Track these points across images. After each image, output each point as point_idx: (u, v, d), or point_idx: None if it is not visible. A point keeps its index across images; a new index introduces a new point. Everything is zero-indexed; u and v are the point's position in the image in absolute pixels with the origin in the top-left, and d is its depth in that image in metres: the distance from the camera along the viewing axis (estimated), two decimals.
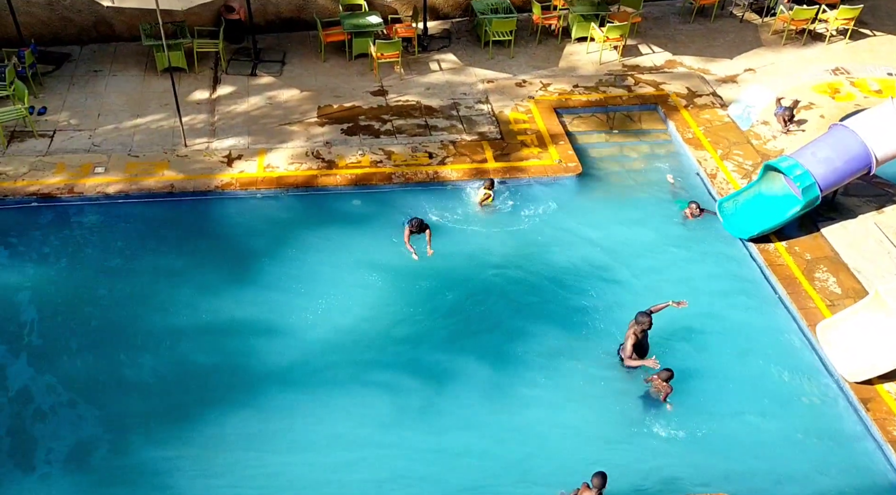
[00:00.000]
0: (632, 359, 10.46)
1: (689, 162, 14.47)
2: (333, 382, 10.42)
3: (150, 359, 10.64)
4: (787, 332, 11.39)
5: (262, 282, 11.75)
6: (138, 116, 14.76)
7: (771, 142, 14.79)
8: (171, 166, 13.54)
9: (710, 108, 15.68)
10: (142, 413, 9.97)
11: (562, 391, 10.49)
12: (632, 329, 10.46)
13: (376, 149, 14.26)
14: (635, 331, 10.43)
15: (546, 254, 12.44)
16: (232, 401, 10.13)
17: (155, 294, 11.48)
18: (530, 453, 9.73)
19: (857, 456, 9.92)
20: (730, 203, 13.02)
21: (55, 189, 12.87)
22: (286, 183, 13.35)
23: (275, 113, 15.11)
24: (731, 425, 10.13)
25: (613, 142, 15.11)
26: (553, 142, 14.58)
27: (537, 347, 11.02)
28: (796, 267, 12.22)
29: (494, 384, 10.53)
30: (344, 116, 15.12)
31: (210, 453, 9.54)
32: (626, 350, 10.48)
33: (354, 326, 11.16)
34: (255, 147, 14.16)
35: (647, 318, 10.42)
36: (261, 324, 11.12)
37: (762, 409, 10.29)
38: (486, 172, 13.76)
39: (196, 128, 14.54)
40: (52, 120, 14.53)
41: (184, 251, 12.21)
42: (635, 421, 10.14)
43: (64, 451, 9.52)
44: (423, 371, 10.63)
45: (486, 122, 15.17)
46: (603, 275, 12.12)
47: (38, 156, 13.58)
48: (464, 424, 10.03)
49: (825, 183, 12.22)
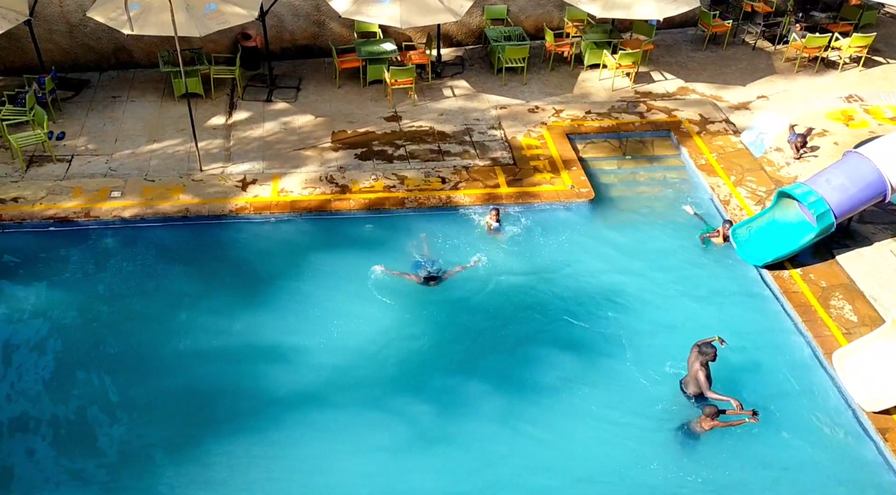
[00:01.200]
0: (714, 392, 10.12)
1: (702, 188, 14.45)
2: (345, 406, 10.39)
3: (164, 381, 10.65)
4: (802, 360, 11.26)
5: (276, 305, 11.78)
6: (155, 141, 14.95)
7: (784, 168, 14.75)
8: (186, 190, 13.67)
9: (723, 134, 15.69)
10: (156, 435, 9.97)
11: (576, 419, 10.39)
12: (698, 360, 10.22)
13: (389, 173, 14.34)
14: (702, 361, 10.20)
15: (559, 280, 12.41)
16: (244, 426, 10.11)
17: (170, 317, 11.53)
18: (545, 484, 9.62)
19: (876, 487, 9.73)
20: (744, 229, 12.97)
21: (72, 213, 13.02)
22: (300, 207, 13.44)
23: (289, 138, 15.26)
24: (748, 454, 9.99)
25: (626, 168, 15.13)
26: (566, 167, 14.62)
27: (551, 374, 10.95)
28: (811, 294, 12.12)
29: (506, 411, 10.45)
30: (358, 141, 15.24)
31: (221, 476, 9.51)
32: (702, 383, 10.16)
33: (367, 351, 11.14)
34: (270, 171, 14.28)
35: (713, 349, 10.21)
36: (274, 348, 11.13)
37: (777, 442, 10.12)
38: (498, 198, 13.80)
39: (212, 153, 14.70)
40: (71, 145, 14.74)
41: (198, 274, 12.28)
42: (653, 454, 10.01)
43: (75, 473, 9.51)
44: (435, 397, 10.57)
45: (499, 147, 15.24)
46: (616, 301, 12.06)
47: (55, 181, 13.76)
48: (474, 452, 9.95)
49: (840, 210, 12.15)
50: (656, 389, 10.75)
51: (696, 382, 10.29)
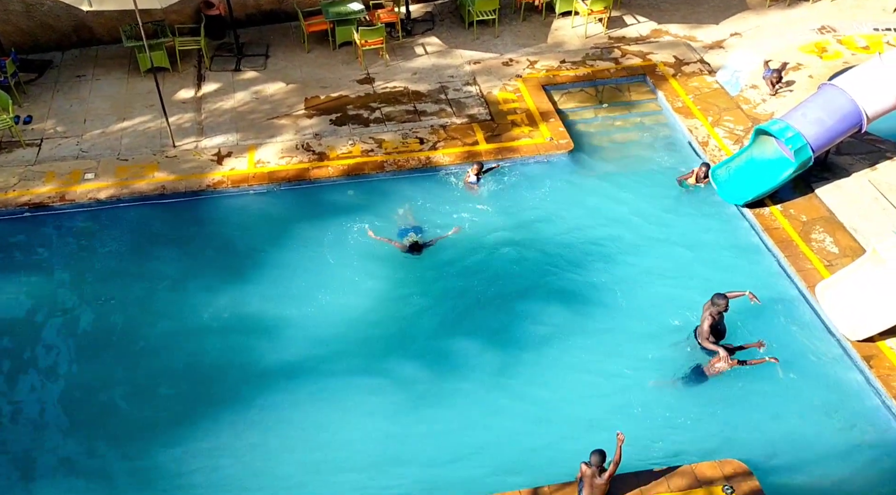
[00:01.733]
0: (708, 341, 10.21)
1: (680, 131, 14.43)
2: (338, 374, 10.43)
3: (152, 361, 10.64)
4: (786, 295, 11.42)
5: (261, 278, 11.74)
6: (125, 119, 14.68)
7: (761, 105, 14.74)
8: (161, 168, 13.48)
9: (698, 75, 15.61)
10: (146, 416, 9.98)
11: (567, 369, 10.51)
12: (707, 310, 10.24)
13: (366, 138, 14.20)
14: (711, 312, 10.20)
15: (544, 234, 12.43)
16: (236, 399, 10.13)
17: (155, 297, 11.48)
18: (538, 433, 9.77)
19: (862, 412, 9.98)
20: (723, 170, 13.00)
21: (46, 198, 12.83)
22: (278, 177, 13.31)
23: (262, 107, 15.03)
24: (734, 392, 10.16)
25: (604, 116, 15.06)
26: (543, 119, 14.53)
27: (541, 328, 11.03)
28: (792, 229, 12.23)
29: (500, 367, 10.54)
30: (332, 107, 15.04)
31: (216, 451, 9.58)
32: (702, 331, 10.21)
33: (354, 317, 11.15)
34: (245, 143, 14.10)
35: (724, 300, 10.20)
36: (262, 321, 11.12)
37: (764, 374, 10.29)
38: (478, 155, 13.72)
39: (183, 127, 14.47)
40: (39, 128, 14.45)
41: (180, 252, 12.19)
42: (640, 395, 10.17)
43: (70, 457, 9.56)
44: (425, 359, 10.63)
45: (475, 103, 15.10)
46: (602, 251, 12.12)
47: (27, 166, 13.52)
48: (471, 410, 10.05)
49: (817, 143, 12.19)
50: (647, 337, 10.86)
51: (700, 328, 10.32)
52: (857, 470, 9.38)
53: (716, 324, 10.29)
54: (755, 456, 9.33)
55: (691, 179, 13.12)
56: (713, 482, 8.88)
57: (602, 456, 8.42)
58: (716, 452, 9.33)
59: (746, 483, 8.86)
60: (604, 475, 8.38)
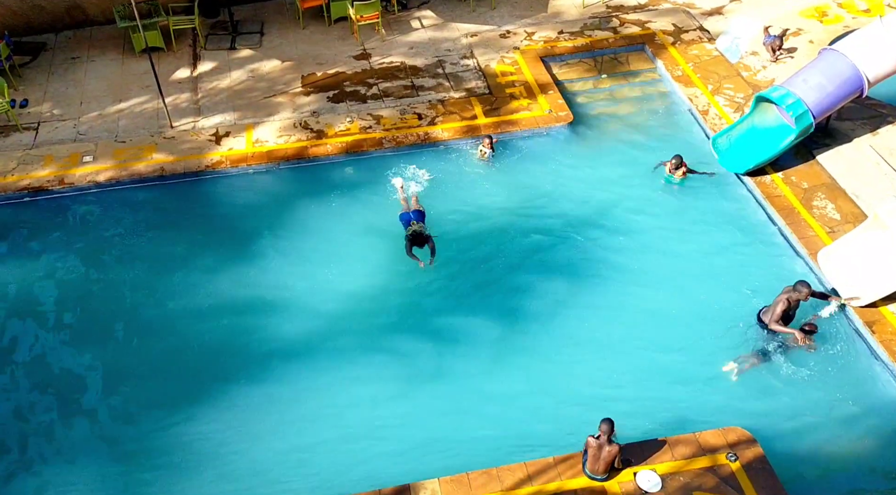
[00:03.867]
0: (777, 324, 10.02)
1: (680, 100, 14.33)
2: (340, 350, 10.47)
3: (153, 341, 10.67)
4: (788, 263, 11.42)
5: (263, 257, 11.76)
6: (121, 101, 14.59)
7: (761, 72, 14.61)
8: (159, 149, 13.43)
9: (697, 43, 15.46)
10: (150, 396, 10.04)
11: (567, 341, 10.55)
12: (786, 294, 10.01)
13: (364, 114, 14.12)
14: (790, 297, 9.98)
15: (545, 207, 12.40)
16: (240, 378, 10.18)
17: (157, 279, 11.49)
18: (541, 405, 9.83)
19: (865, 378, 10.02)
20: (724, 138, 12.93)
21: (46, 182, 12.80)
22: (277, 156, 13.26)
23: (259, 86, 14.92)
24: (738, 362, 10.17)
25: (603, 86, 14.95)
26: (542, 92, 14.42)
27: (544, 300, 11.05)
28: (794, 196, 12.19)
29: (501, 340, 10.58)
30: (329, 84, 14.94)
31: (221, 430, 9.65)
32: (774, 313, 10.01)
33: (358, 293, 11.18)
34: (242, 122, 14.03)
35: (808, 289, 9.95)
36: (264, 300, 11.15)
37: (767, 341, 10.32)
38: (477, 129, 13.65)
39: (180, 107, 14.38)
40: (35, 112, 14.38)
41: (181, 233, 12.19)
42: (643, 366, 10.21)
43: (76, 436, 9.64)
44: (429, 333, 10.66)
45: (473, 77, 14.98)
46: (604, 225, 12.08)
47: (24, 150, 13.48)
48: (472, 384, 10.10)
49: (818, 109, 12.11)
50: (649, 308, 10.88)
51: (771, 310, 10.11)
52: (859, 435, 9.44)
53: (788, 310, 10.03)
54: (758, 424, 9.38)
55: (668, 168, 12.63)
56: (717, 450, 8.95)
57: (611, 425, 8.46)
58: (719, 421, 9.37)
59: (750, 450, 8.93)
60: (612, 447, 8.39)
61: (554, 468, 8.79)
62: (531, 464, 8.85)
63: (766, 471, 8.72)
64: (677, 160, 12.56)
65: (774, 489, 8.56)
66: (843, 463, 9.19)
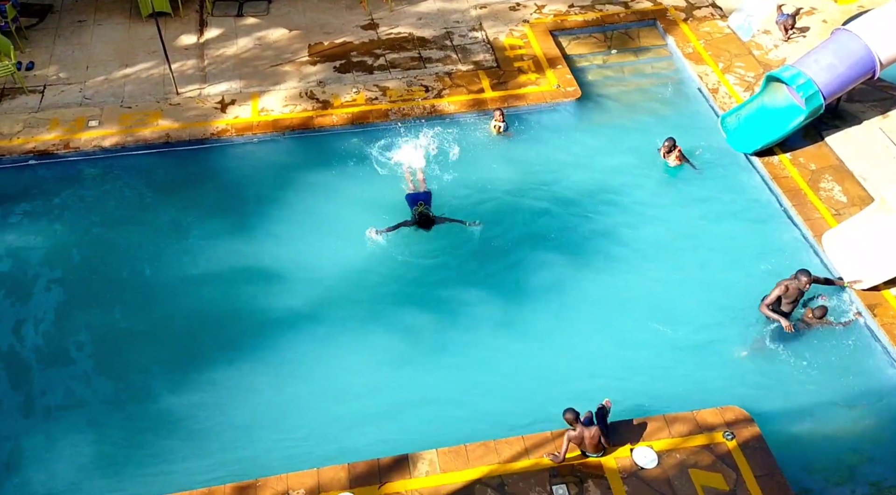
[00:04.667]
0: (767, 309, 9.97)
1: (690, 78, 14.20)
2: (341, 321, 10.51)
3: (156, 307, 10.73)
4: (793, 245, 11.39)
5: (266, 226, 11.77)
6: (127, 66, 14.52)
7: (773, 51, 14.45)
8: (164, 115, 13.38)
9: (709, 19, 15.28)
10: (153, 361, 10.12)
11: (569, 317, 10.58)
12: (786, 282, 9.90)
13: (371, 85, 14.03)
14: (788, 284, 9.87)
15: (549, 184, 12.36)
16: (243, 346, 10.25)
17: (161, 245, 11.52)
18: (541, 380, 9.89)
19: (865, 361, 10.05)
20: (732, 117, 12.83)
21: (51, 145, 12.78)
22: (282, 126, 13.21)
23: (265, 54, 14.82)
24: (738, 342, 10.23)
25: (612, 62, 14.81)
26: (551, 66, 14.30)
27: (546, 275, 11.07)
28: (801, 178, 12.13)
29: (503, 314, 10.61)
30: (336, 53, 14.82)
31: (226, 396, 9.74)
32: (767, 298, 9.96)
33: (360, 265, 11.20)
34: (248, 91, 13.95)
35: (807, 278, 9.81)
36: (268, 269, 11.18)
37: (767, 324, 10.32)
38: (484, 103, 13.56)
39: (186, 74, 14.31)
40: (41, 74, 14.32)
41: (185, 201, 12.19)
42: (644, 344, 10.25)
43: (81, 400, 9.73)
44: (431, 306, 10.70)
45: (481, 50, 14.85)
46: (607, 201, 12.06)
47: (30, 113, 13.44)
48: (472, 358, 10.14)
49: (828, 90, 11.99)
50: (652, 285, 10.90)
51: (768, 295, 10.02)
52: (857, 416, 9.50)
53: (784, 297, 9.91)
54: (757, 404, 9.43)
55: (665, 156, 12.41)
56: (714, 428, 9.02)
57: (574, 412, 8.45)
58: (718, 400, 9.42)
59: (747, 429, 9.00)
60: (592, 430, 8.43)
61: (551, 442, 8.87)
62: (528, 438, 8.93)
63: (763, 451, 8.79)
64: (670, 143, 12.29)
65: (770, 468, 8.64)
66: (840, 444, 9.25)
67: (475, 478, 8.58)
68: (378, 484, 8.52)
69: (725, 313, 10.48)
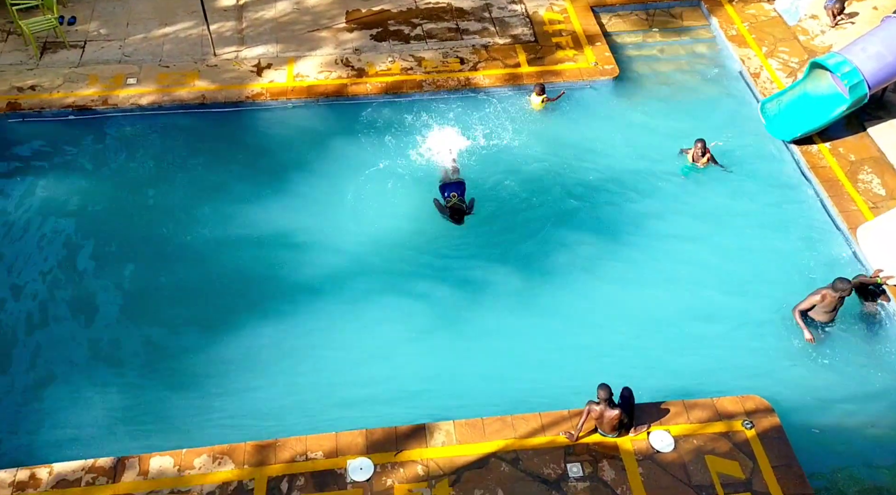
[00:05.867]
0: (798, 314, 9.78)
1: (732, 60, 13.91)
2: (364, 290, 10.57)
3: (183, 266, 10.87)
4: (827, 237, 11.21)
5: (295, 191, 11.84)
6: (167, 25, 14.59)
7: (819, 37, 14.09)
8: (201, 76, 13.47)
9: (755, 2, 14.92)
10: (180, 319, 10.28)
11: (596, 300, 10.55)
12: (823, 290, 9.63)
13: (406, 55, 13.95)
14: (825, 293, 9.59)
15: (583, 162, 12.25)
16: (267, 309, 10.36)
17: (192, 205, 11.65)
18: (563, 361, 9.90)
19: (891, 357, 9.89)
20: (773, 103, 12.57)
21: (90, 101, 12.94)
22: (316, 92, 13.22)
23: (303, 19, 14.79)
24: (767, 330, 10.13)
25: (653, 41, 14.56)
26: (589, 43, 14.09)
27: (575, 255, 11.02)
28: (839, 168, 11.89)
29: (526, 292, 10.59)
30: (373, 21, 14.75)
31: (252, 357, 9.89)
32: (801, 303, 9.69)
33: (389, 236, 11.24)
34: (285, 55, 13.96)
35: (845, 285, 9.51)
36: (294, 234, 11.27)
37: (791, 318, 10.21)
38: (519, 78, 13.43)
39: (225, 36, 14.35)
40: (83, 30, 14.46)
41: (218, 162, 12.30)
42: (668, 329, 10.20)
43: (106, 356, 9.91)
44: (455, 280, 10.72)
45: (520, 23, 14.67)
46: (640, 185, 11.92)
47: (71, 68, 13.61)
48: (494, 333, 10.16)
49: (874, 80, 11.68)
50: (676, 274, 10.81)
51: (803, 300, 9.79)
52: (879, 414, 9.39)
53: (820, 305, 9.68)
54: (779, 395, 9.35)
55: (689, 157, 11.99)
56: (734, 416, 8.98)
57: (608, 390, 8.47)
58: (740, 388, 9.38)
59: (767, 419, 8.95)
60: (613, 412, 8.44)
61: (568, 420, 8.91)
62: (546, 415, 8.98)
63: (781, 441, 8.74)
64: (700, 146, 11.80)
65: (787, 459, 8.60)
66: (859, 439, 9.16)
67: (490, 452, 8.66)
68: (395, 450, 8.65)
69: (753, 301, 10.37)
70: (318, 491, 8.32)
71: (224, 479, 8.41)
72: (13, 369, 9.71)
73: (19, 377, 9.63)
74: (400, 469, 8.50)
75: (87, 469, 8.46)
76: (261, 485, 8.36)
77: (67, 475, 8.40)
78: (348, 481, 8.39)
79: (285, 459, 8.57)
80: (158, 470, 8.47)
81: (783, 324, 10.13)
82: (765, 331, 10.11)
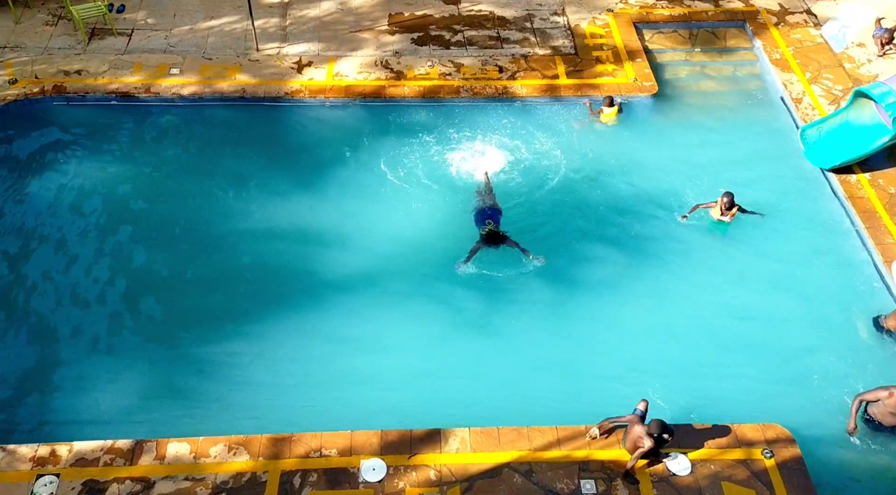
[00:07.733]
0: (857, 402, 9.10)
1: (773, 85, 13.75)
2: (389, 292, 10.60)
3: (213, 256, 10.99)
4: (859, 268, 11.01)
5: (327, 189, 11.93)
6: (212, 18, 14.82)
7: (865, 66, 13.87)
8: (243, 70, 13.64)
9: (802, 26, 14.74)
10: (209, 308, 10.40)
11: (623, 318, 10.47)
12: (892, 388, 8.96)
13: (446, 60, 14.00)
14: (893, 391, 8.91)
15: (614, 178, 12.18)
16: (293, 303, 10.44)
17: (226, 195, 11.80)
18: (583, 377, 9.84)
19: None
20: (813, 130, 12.40)
21: (133, 88, 13.17)
22: (354, 92, 13.32)
23: (346, 19, 14.93)
24: (798, 364, 9.95)
25: (694, 60, 14.45)
26: (630, 58, 14.03)
27: (602, 270, 10.95)
28: (878, 200, 11.68)
29: (552, 305, 10.54)
30: (415, 25, 14.83)
31: (274, 350, 9.97)
32: (867, 393, 9.09)
33: (414, 238, 11.26)
34: (326, 54, 14.09)
35: None
36: (323, 231, 11.35)
37: (831, 348, 10.04)
38: (557, 89, 13.41)
39: (268, 32, 14.52)
40: (131, 18, 14.73)
41: (254, 156, 12.44)
42: (693, 353, 10.08)
43: (132, 340, 10.06)
44: (480, 287, 10.70)
45: (561, 35, 14.65)
46: (673, 205, 11.78)
47: (117, 55, 13.86)
48: (515, 344, 10.13)
49: None
50: (704, 297, 10.69)
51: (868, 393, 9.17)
52: None
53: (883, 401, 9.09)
54: (801, 425, 9.18)
55: (714, 212, 11.27)
56: (753, 444, 8.84)
57: (645, 405, 8.44)
58: (761, 417, 9.22)
59: (788, 449, 8.79)
60: (640, 429, 8.35)
61: (584, 435, 8.84)
62: (562, 429, 8.91)
63: (801, 473, 8.59)
64: (728, 200, 10.95)
65: (806, 491, 8.44)
66: (880, 475, 8.96)
67: (504, 462, 8.62)
68: (409, 453, 8.65)
69: (781, 329, 10.22)
70: (329, 489, 8.35)
71: (238, 470, 8.47)
72: (43, 349, 9.87)
73: (49, 356, 9.80)
74: (412, 472, 8.50)
75: (105, 449, 8.58)
76: (274, 478, 8.41)
77: (87, 454, 8.53)
78: (360, 481, 8.41)
79: (300, 454, 8.61)
80: (175, 456, 8.55)
81: (810, 354, 9.96)
82: (791, 359, 9.94)
